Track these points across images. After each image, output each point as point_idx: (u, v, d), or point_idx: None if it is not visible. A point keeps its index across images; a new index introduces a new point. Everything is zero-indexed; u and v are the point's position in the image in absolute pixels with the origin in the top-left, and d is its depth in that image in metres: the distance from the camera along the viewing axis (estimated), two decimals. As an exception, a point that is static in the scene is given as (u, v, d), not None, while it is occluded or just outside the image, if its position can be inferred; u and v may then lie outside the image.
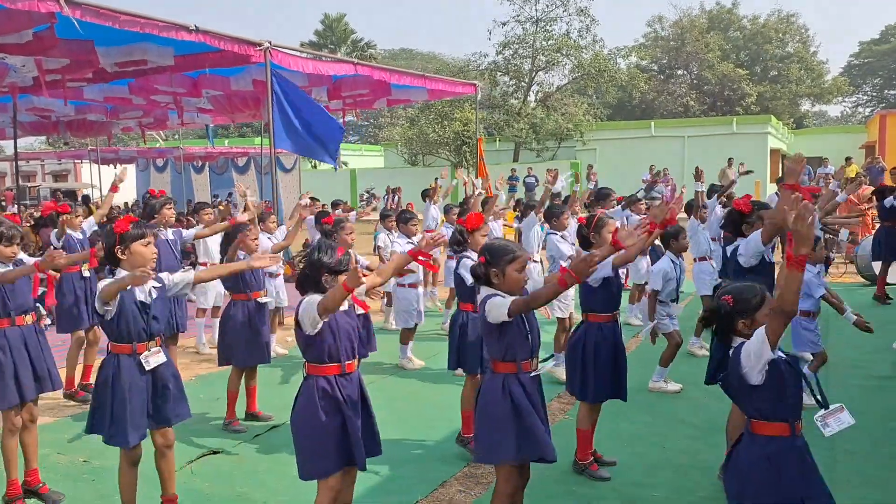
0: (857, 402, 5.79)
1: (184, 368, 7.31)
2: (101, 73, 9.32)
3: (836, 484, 4.30)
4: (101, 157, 21.98)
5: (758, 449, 2.74)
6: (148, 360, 3.69)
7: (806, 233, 2.54)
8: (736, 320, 2.81)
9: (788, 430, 2.74)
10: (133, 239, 3.65)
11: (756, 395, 2.74)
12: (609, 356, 4.45)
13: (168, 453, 3.89)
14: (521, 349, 3.22)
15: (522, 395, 3.18)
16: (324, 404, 3.27)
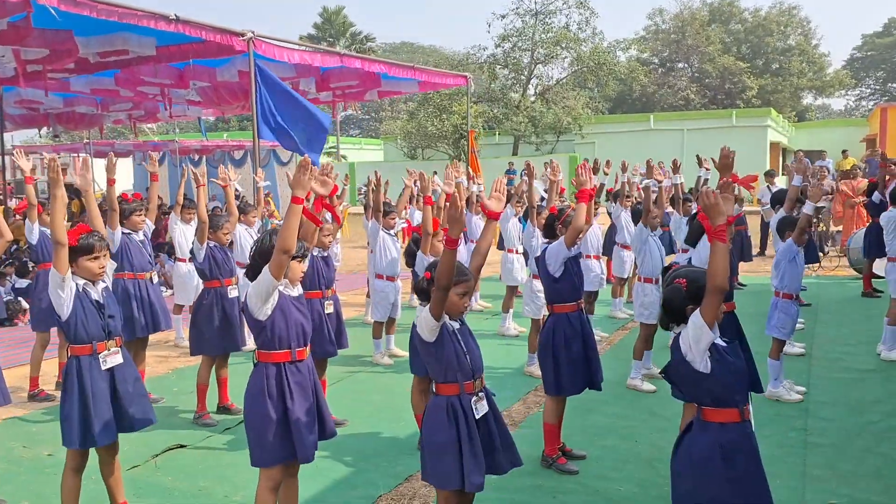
0: (835, 395, 5.74)
1: (161, 361, 7.29)
2: (83, 63, 9.26)
3: (806, 477, 4.26)
4: (96, 150, 21.92)
5: (711, 437, 2.69)
6: (105, 359, 3.65)
7: (711, 204, 2.64)
8: (686, 305, 2.74)
9: (738, 415, 2.70)
10: (79, 253, 3.60)
11: (705, 383, 2.69)
12: (580, 346, 4.40)
13: (112, 461, 3.82)
14: (461, 370, 3.08)
15: (463, 421, 3.03)
16: (270, 392, 3.23)
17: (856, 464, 4.44)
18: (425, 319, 3.05)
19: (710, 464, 2.65)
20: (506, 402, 5.78)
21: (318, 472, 4.43)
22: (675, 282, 2.83)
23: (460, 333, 3.14)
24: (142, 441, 4.94)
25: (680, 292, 2.78)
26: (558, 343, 4.39)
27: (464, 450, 3.01)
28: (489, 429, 3.14)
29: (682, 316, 2.76)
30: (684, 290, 2.77)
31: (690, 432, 2.79)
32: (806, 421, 5.17)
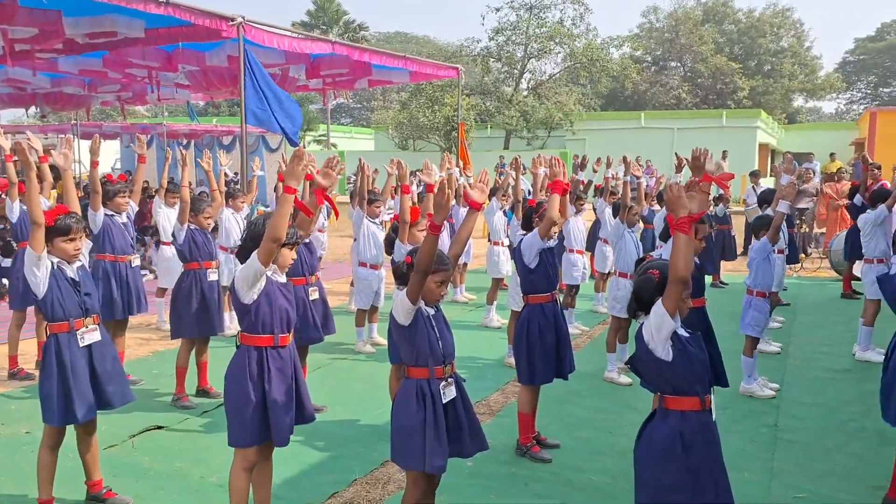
0: (809, 394, 5.82)
1: (142, 344, 7.29)
2: (71, 44, 9.18)
3: (774, 472, 4.34)
4: (84, 131, 21.76)
5: (671, 425, 2.74)
6: (83, 336, 3.68)
7: (674, 198, 2.70)
8: (656, 296, 2.79)
9: (699, 404, 2.75)
10: (55, 234, 3.61)
11: (666, 371, 2.74)
12: (552, 336, 4.46)
13: (89, 439, 3.84)
14: (433, 355, 3.13)
15: (431, 405, 3.09)
16: (251, 374, 3.27)
17: (824, 461, 4.52)
18: (401, 302, 3.10)
19: (670, 452, 2.71)
20: (485, 391, 5.84)
21: (294, 455, 4.47)
22: (647, 272, 2.88)
23: (435, 320, 3.20)
24: (120, 421, 4.96)
25: (651, 282, 2.83)
26: (532, 333, 4.45)
27: (428, 433, 3.07)
28: (457, 414, 3.19)
29: (652, 305, 2.81)
30: (656, 280, 2.82)
31: (652, 421, 2.85)
32: (777, 418, 5.25)
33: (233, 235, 7.59)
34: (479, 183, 3.41)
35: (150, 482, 4.19)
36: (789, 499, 4.03)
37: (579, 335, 7.76)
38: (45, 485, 3.71)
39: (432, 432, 3.07)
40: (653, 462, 2.76)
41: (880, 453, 4.56)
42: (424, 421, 3.07)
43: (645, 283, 2.86)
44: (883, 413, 3.90)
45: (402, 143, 34.43)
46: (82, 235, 3.75)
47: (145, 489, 4.10)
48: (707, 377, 2.79)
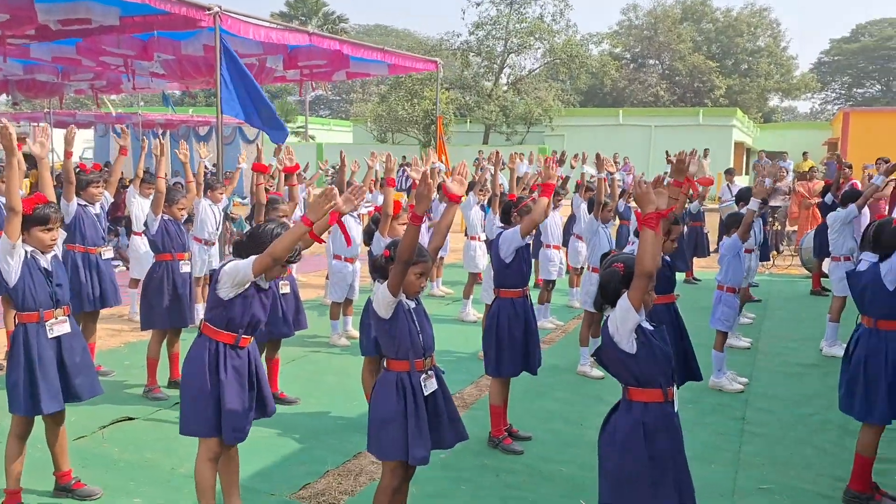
0: (776, 388, 5.94)
1: (114, 335, 7.22)
2: (44, 30, 9.01)
3: (740, 464, 4.42)
4: (57, 119, 21.41)
5: (634, 416, 2.80)
6: (52, 328, 3.65)
7: (642, 194, 2.75)
8: (621, 289, 2.84)
9: (662, 395, 2.80)
10: (32, 223, 3.57)
11: (630, 363, 2.79)
12: (521, 331, 4.51)
13: (57, 429, 3.82)
14: (413, 348, 3.15)
15: (412, 397, 3.12)
16: (210, 366, 3.27)
17: (789, 453, 4.61)
18: (382, 295, 3.10)
19: (632, 442, 2.76)
20: (459, 384, 5.87)
21: (267, 447, 4.47)
22: (612, 266, 2.92)
23: (415, 313, 3.21)
24: (90, 413, 4.92)
25: (616, 275, 2.87)
26: (501, 326, 4.51)
27: (409, 424, 3.10)
28: (437, 406, 3.22)
29: (618, 297, 2.85)
30: (621, 273, 2.86)
31: (616, 412, 2.90)
32: (745, 411, 5.35)
33: (207, 226, 7.54)
34: (457, 175, 3.44)
35: (120, 473, 4.17)
36: (754, 489, 4.11)
37: (554, 329, 7.82)
38: (12, 475, 3.68)
39: (414, 423, 3.10)
40: (615, 451, 2.82)
41: (842, 446, 4.67)
42: (405, 412, 3.10)
43: (610, 276, 2.90)
44: (843, 405, 3.99)
45: (380, 135, 34.31)
46: (59, 226, 3.72)
47: (115, 480, 4.08)
48: (670, 370, 2.84)
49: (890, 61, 53.02)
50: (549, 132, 31.75)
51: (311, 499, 3.94)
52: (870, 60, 54.13)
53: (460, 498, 3.98)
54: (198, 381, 3.26)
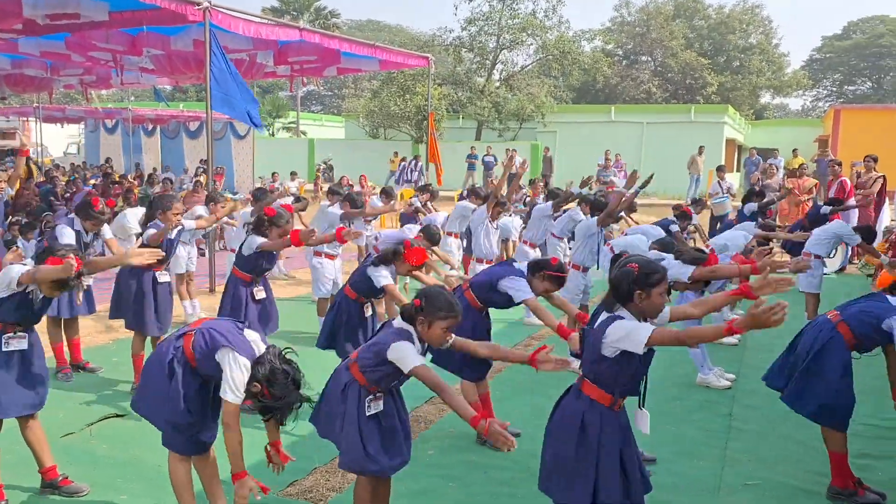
0: (762, 384, 5.94)
1: (103, 331, 7.20)
2: (32, 25, 8.97)
3: (727, 460, 4.45)
4: (46, 115, 21.30)
5: (579, 405, 2.90)
6: (9, 342, 3.67)
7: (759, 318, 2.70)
8: (633, 289, 2.86)
9: (610, 401, 2.87)
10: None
11: (600, 361, 2.84)
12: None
13: (29, 424, 3.81)
14: (388, 383, 3.23)
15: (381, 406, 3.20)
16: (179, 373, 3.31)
17: (775, 449, 4.65)
18: (408, 352, 3.04)
19: (569, 427, 2.87)
20: (447, 381, 5.87)
21: (253, 444, 4.43)
22: (627, 266, 2.91)
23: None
24: (78, 410, 4.91)
25: (631, 275, 2.87)
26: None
27: (387, 437, 3.21)
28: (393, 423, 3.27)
29: (629, 297, 2.87)
30: (635, 273, 2.86)
31: (567, 396, 3.00)
32: (732, 408, 5.38)
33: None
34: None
35: (107, 470, 4.17)
36: (740, 486, 4.14)
37: (543, 326, 7.83)
38: None
39: (392, 433, 3.23)
40: (556, 434, 2.95)
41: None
42: (381, 424, 3.20)
43: (624, 276, 2.89)
44: (790, 397, 4.01)
45: (372, 131, 34.23)
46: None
47: (103, 477, 4.07)
48: (631, 388, 2.91)
49: (881, 59, 53.25)
50: (541, 128, 31.74)
51: (298, 495, 3.94)
52: (861, 58, 54.34)
53: (448, 496, 4.00)
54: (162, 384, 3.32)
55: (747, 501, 3.96)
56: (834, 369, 3.84)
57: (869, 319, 3.81)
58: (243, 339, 3.21)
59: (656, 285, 2.87)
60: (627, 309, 2.90)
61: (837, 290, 8.98)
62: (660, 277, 2.88)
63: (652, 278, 2.86)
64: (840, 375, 3.83)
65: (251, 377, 3.11)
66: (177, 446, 3.35)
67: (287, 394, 3.08)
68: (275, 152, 29.21)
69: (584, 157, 25.58)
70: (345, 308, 4.98)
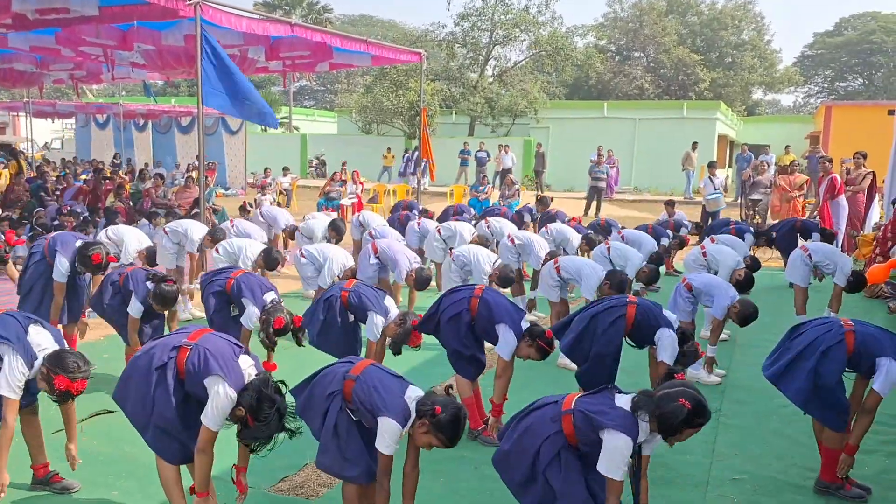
0: (751, 379, 6.01)
1: (93, 328, 7.16)
2: (21, 19, 8.91)
3: (715, 455, 4.49)
4: (37, 109, 21.16)
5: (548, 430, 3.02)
6: None
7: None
8: (682, 428, 2.87)
9: None
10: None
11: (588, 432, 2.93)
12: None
13: (31, 419, 3.83)
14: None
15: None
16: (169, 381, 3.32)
17: (762, 444, 4.69)
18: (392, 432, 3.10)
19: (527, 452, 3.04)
20: (438, 377, 5.91)
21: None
22: (679, 401, 2.79)
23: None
24: (68, 406, 4.89)
25: (683, 413, 2.78)
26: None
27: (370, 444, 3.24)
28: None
29: (674, 433, 2.84)
30: (686, 412, 2.78)
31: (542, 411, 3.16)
32: (721, 403, 5.42)
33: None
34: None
35: (98, 467, 4.17)
36: (728, 479, 4.18)
37: (536, 321, 7.86)
38: None
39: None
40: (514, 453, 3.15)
41: (813, 436, 4.74)
42: (363, 429, 3.23)
43: (676, 412, 2.77)
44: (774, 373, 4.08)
45: (365, 127, 34.20)
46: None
47: (94, 473, 4.08)
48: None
49: (872, 55, 53.47)
50: (534, 124, 31.77)
51: (289, 491, 3.96)
52: (852, 54, 54.55)
53: (438, 491, 4.02)
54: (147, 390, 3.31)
55: (735, 495, 4.00)
56: (832, 374, 3.83)
57: (873, 348, 3.80)
58: (236, 368, 3.19)
59: (697, 427, 2.84)
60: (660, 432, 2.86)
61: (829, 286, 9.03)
62: (704, 422, 2.84)
63: (697, 421, 2.80)
64: (837, 381, 3.85)
65: (237, 402, 3.12)
66: (165, 454, 3.31)
67: (269, 424, 3.07)
68: (267, 147, 29.14)
69: (577, 153, 25.63)
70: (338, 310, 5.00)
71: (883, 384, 3.69)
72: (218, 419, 3.11)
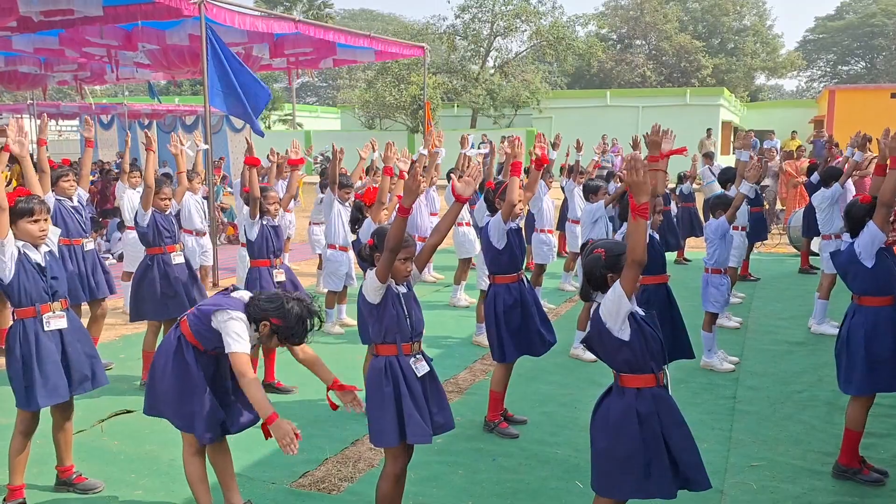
0: (765, 365, 6.03)
1: (109, 328, 7.21)
2: (26, 21, 8.93)
3: (731, 442, 4.51)
4: (40, 110, 21.17)
5: (627, 401, 2.86)
6: (49, 321, 3.66)
7: (638, 182, 2.68)
8: (606, 274, 2.89)
9: (654, 380, 2.87)
10: (19, 216, 3.58)
11: (624, 350, 2.84)
12: (518, 315, 4.55)
13: (64, 423, 3.86)
14: (400, 332, 3.20)
15: (402, 379, 3.17)
16: (190, 359, 3.32)
17: (778, 430, 4.70)
18: (370, 281, 3.17)
19: (625, 427, 2.83)
20: (453, 369, 5.94)
21: (262, 441, 4.50)
22: (593, 252, 2.96)
23: (405, 298, 3.26)
24: (88, 406, 4.94)
25: (599, 261, 2.92)
26: (498, 312, 4.55)
27: (404, 406, 3.15)
28: (425, 391, 3.27)
29: (603, 284, 2.91)
30: (603, 259, 2.91)
31: (609, 397, 2.96)
32: (735, 390, 5.43)
33: (195, 217, 7.57)
34: (466, 177, 3.45)
35: (120, 466, 4.21)
36: (746, 466, 4.19)
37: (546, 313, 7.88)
38: (16, 472, 3.72)
39: (410, 404, 3.15)
40: (608, 435, 2.88)
41: (830, 421, 4.77)
42: (396, 396, 3.15)
43: (593, 262, 2.94)
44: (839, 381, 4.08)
45: (368, 122, 34.17)
46: (47, 217, 3.72)
47: (116, 473, 4.11)
48: (661, 355, 2.90)
49: (874, 38, 53.14)
50: (536, 115, 31.71)
51: (311, 486, 3.99)
52: (854, 38, 54.24)
53: (456, 483, 4.04)
54: (173, 376, 3.33)
55: (754, 482, 4.02)
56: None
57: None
58: (231, 299, 3.27)
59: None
60: (604, 293, 2.94)
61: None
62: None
63: (621, 260, 2.88)
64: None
65: (252, 320, 3.19)
66: (199, 429, 3.31)
67: (290, 310, 3.15)
68: (271, 145, 29.13)
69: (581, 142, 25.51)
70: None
71: None
72: (240, 338, 3.13)
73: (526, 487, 3.99)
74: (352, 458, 4.34)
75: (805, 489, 3.93)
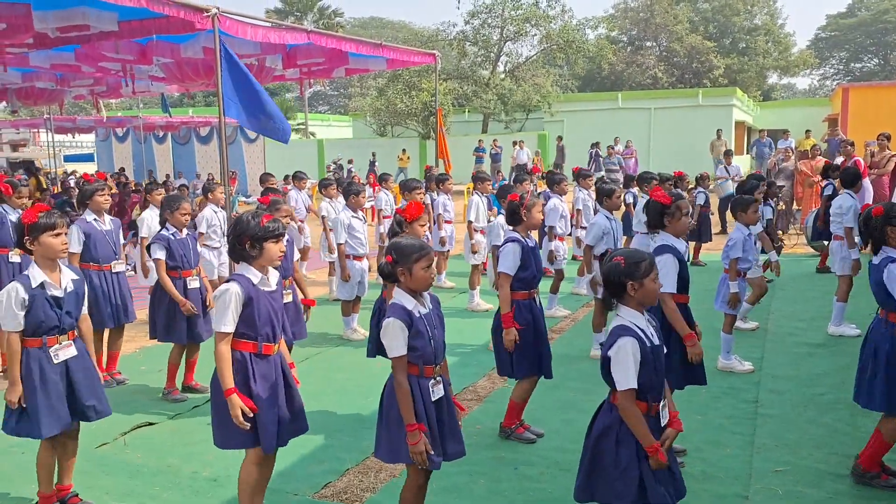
0: (786, 368, 5.98)
1: (129, 340, 7.26)
2: (43, 38, 9.04)
3: (754, 447, 4.47)
4: (57, 125, 21.44)
5: (612, 417, 2.93)
6: (57, 353, 3.64)
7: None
8: (626, 282, 2.90)
9: (646, 408, 2.90)
10: (41, 230, 3.58)
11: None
12: (530, 335, 4.51)
13: (70, 444, 3.84)
14: (423, 356, 3.18)
15: (421, 401, 3.17)
16: (235, 380, 3.29)
17: (801, 434, 4.66)
18: (393, 329, 3.12)
19: (605, 442, 2.92)
20: (472, 377, 5.92)
21: (286, 447, 4.51)
22: (613, 260, 2.97)
23: (427, 319, 3.20)
24: (110, 420, 4.91)
25: (618, 268, 2.92)
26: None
27: (426, 427, 3.15)
28: (440, 416, 3.26)
29: (622, 291, 2.92)
30: (622, 266, 2.92)
31: (602, 410, 3.04)
32: (757, 393, 5.39)
33: (217, 231, 7.64)
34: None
35: (143, 479, 4.24)
36: (769, 472, 4.16)
37: (563, 318, 7.87)
38: (44, 481, 3.76)
39: (428, 423, 3.16)
40: (593, 447, 2.99)
41: (853, 424, 4.72)
42: (419, 414, 3.14)
43: (613, 269, 2.94)
44: (854, 394, 4.04)
45: (380, 129, 34.26)
46: (66, 230, 3.73)
47: (139, 486, 4.14)
48: (661, 388, 2.94)
49: (887, 35, 52.69)
50: (548, 118, 31.68)
51: (333, 497, 4.00)
52: (867, 35, 53.81)
53: (478, 492, 4.03)
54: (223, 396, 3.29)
55: (779, 487, 3.98)
56: None
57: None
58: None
59: (647, 274, 2.91)
60: (624, 302, 2.95)
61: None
62: (648, 265, 2.92)
63: (641, 267, 2.89)
64: None
65: (239, 259, 3.39)
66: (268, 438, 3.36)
67: (240, 218, 3.37)
68: (285, 154, 29.29)
69: (593, 146, 25.47)
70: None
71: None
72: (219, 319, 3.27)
73: (548, 496, 3.97)
74: (373, 468, 4.34)
75: (829, 493, 3.90)
